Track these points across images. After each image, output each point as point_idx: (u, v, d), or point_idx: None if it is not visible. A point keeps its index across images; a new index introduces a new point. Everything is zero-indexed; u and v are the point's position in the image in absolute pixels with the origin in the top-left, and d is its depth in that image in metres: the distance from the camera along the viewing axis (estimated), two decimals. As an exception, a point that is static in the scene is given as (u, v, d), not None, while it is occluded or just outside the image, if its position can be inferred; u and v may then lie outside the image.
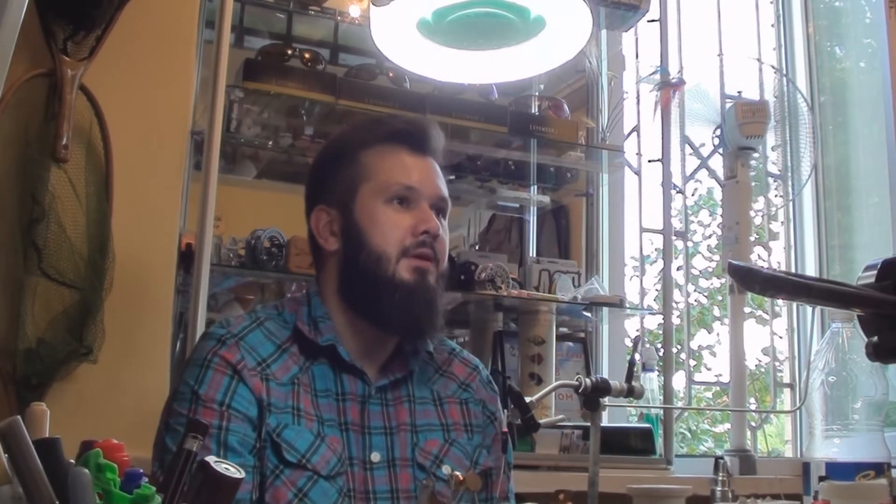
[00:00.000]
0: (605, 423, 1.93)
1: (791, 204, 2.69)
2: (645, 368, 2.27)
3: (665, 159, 2.29)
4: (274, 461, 1.16)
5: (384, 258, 1.24)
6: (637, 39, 2.51)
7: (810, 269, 2.66)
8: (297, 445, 1.17)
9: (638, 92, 2.45)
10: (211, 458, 0.68)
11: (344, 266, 1.28)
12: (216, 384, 1.17)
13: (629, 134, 2.43)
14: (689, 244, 4.08)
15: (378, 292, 1.24)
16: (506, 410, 1.39)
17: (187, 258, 1.81)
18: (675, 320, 2.38)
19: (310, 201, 1.33)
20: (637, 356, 1.85)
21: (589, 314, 2.28)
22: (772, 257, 2.88)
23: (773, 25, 2.83)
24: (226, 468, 0.67)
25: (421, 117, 1.34)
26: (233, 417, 1.16)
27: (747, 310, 2.68)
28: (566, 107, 2.37)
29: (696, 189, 4.86)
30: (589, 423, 1.35)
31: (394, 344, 1.30)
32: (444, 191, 1.32)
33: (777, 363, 2.66)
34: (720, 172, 2.48)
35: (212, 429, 1.15)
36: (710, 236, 5.02)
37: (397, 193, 1.27)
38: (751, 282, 0.74)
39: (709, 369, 4.83)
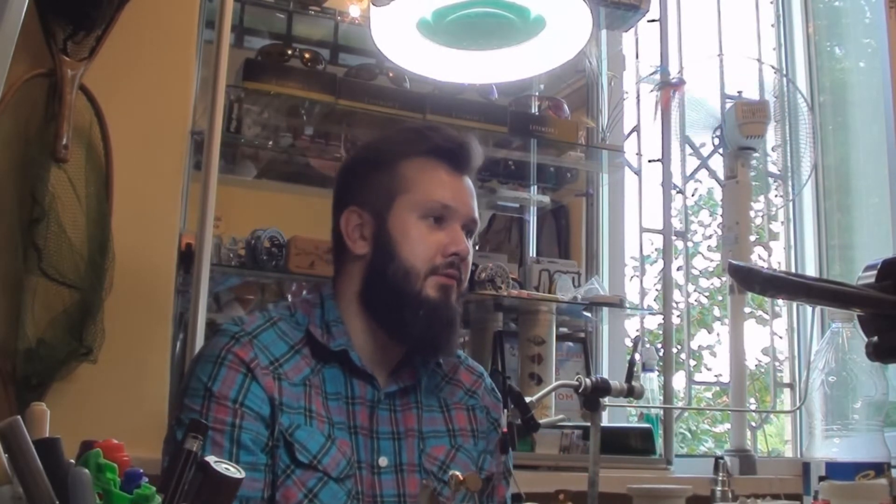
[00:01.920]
0: (605, 423, 1.93)
1: (791, 204, 2.69)
2: (645, 368, 2.27)
3: (665, 159, 2.29)
4: (286, 461, 1.17)
5: (412, 273, 1.25)
6: (637, 39, 2.51)
7: (810, 269, 2.66)
8: (309, 446, 1.18)
9: (638, 92, 2.44)
10: (211, 458, 0.68)
11: (370, 273, 1.28)
12: (230, 381, 1.17)
13: (629, 134, 2.43)
14: (689, 244, 4.07)
15: (402, 306, 1.25)
16: (506, 410, 1.39)
17: (187, 258, 1.81)
18: (675, 320, 2.38)
19: (340, 201, 1.33)
20: (637, 356, 1.85)
21: (589, 314, 2.28)
22: (772, 257, 2.88)
23: (773, 25, 2.83)
24: (226, 468, 0.67)
25: (465, 134, 1.35)
26: (246, 415, 1.16)
27: (747, 310, 2.68)
28: (566, 107, 2.37)
29: (696, 189, 4.86)
30: (589, 423, 1.35)
31: (404, 351, 1.31)
32: (476, 212, 1.33)
33: (777, 363, 2.66)
34: (720, 172, 2.48)
35: (225, 426, 1.15)
36: (710, 236, 5.01)
37: (433, 211, 1.28)
38: (751, 282, 0.74)
39: (709, 369, 4.82)
